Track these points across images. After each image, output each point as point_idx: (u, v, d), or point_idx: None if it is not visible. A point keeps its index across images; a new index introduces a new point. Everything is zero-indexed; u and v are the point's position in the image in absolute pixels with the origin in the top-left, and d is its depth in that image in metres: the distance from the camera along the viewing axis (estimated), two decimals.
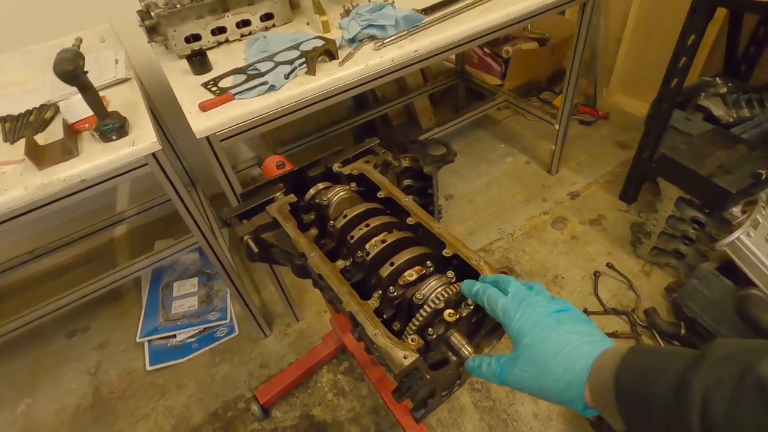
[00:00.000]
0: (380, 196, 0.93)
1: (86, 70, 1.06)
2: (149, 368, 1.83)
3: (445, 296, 0.69)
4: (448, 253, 0.79)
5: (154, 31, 1.50)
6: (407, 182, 1.82)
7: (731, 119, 1.70)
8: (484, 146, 2.76)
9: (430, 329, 0.70)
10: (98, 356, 1.91)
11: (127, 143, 1.15)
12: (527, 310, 0.55)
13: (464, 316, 0.68)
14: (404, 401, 0.72)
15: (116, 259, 2.36)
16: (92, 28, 1.72)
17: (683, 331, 1.61)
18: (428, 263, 0.79)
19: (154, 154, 1.18)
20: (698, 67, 2.32)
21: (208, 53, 1.42)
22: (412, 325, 0.69)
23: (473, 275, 0.77)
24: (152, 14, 1.43)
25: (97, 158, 1.12)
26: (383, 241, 0.80)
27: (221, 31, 1.54)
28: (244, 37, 1.59)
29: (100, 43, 1.66)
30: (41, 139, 1.21)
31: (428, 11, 1.57)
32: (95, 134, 1.16)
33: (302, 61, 1.36)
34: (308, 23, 1.64)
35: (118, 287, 1.72)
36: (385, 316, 0.76)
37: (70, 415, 1.73)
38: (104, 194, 2.18)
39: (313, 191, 0.97)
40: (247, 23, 1.57)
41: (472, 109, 2.52)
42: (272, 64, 1.39)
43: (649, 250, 1.91)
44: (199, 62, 1.40)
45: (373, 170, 1.00)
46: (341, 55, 1.38)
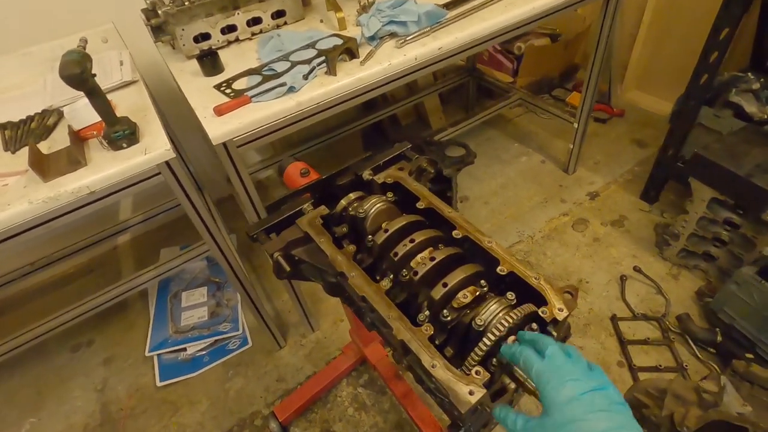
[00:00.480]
0: (420, 206, 0.86)
1: (94, 72, 0.98)
2: (159, 384, 1.75)
3: (509, 323, 0.62)
4: (503, 270, 0.72)
5: (160, 30, 1.42)
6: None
7: (765, 116, 1.63)
8: (496, 146, 2.68)
9: (494, 359, 0.63)
10: (105, 371, 1.83)
11: (138, 151, 1.07)
12: (562, 382, 0.53)
13: None
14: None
15: (120, 268, 2.27)
16: (94, 28, 1.63)
17: (719, 338, 1.53)
18: (482, 282, 0.72)
19: (167, 162, 1.09)
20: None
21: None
22: (474, 355, 0.61)
23: (531, 294, 0.70)
24: (159, 12, 1.35)
25: (107, 168, 1.04)
26: (432, 258, 0.72)
27: (231, 29, 1.46)
28: (254, 35, 1.51)
29: (102, 43, 1.57)
30: (45, 147, 1.12)
31: (449, 6, 1.49)
32: (104, 142, 1.08)
33: (320, 60, 1.29)
34: (322, 20, 1.56)
35: (123, 298, 1.64)
36: (437, 342, 0.69)
37: None
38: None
39: (344, 202, 0.90)
40: (258, 21, 1.50)
41: (485, 107, 2.44)
42: (288, 64, 1.31)
43: (677, 252, 1.84)
44: (210, 63, 1.32)
45: (408, 178, 0.93)
46: (361, 53, 1.30)
